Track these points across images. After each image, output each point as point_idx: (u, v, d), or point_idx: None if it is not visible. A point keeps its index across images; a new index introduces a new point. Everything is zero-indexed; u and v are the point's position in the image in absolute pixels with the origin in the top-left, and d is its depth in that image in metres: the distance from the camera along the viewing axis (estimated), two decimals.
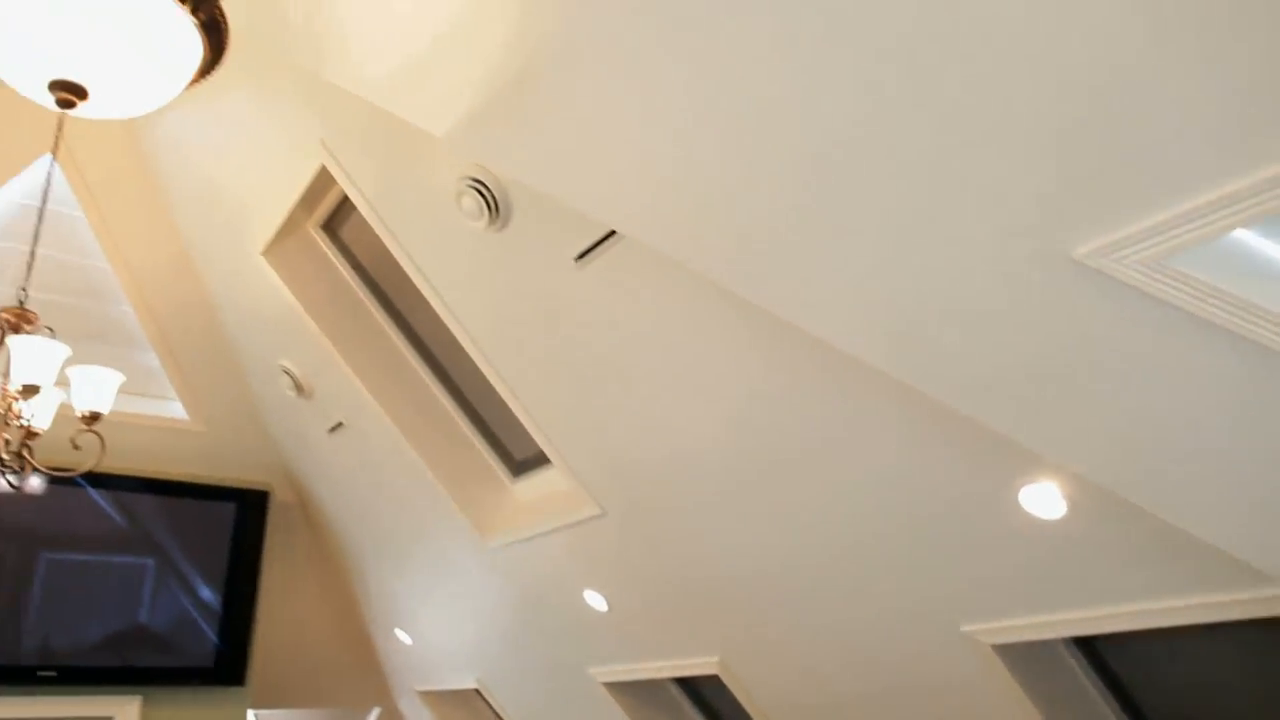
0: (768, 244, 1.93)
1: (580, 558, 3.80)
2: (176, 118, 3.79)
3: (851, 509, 2.74)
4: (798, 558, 3.01)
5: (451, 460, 4.21)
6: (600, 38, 1.80)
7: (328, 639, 6.15)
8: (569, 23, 1.82)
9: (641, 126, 1.90)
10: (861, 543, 2.80)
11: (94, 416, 3.21)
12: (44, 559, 4.98)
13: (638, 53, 1.77)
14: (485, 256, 3.05)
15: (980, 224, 1.61)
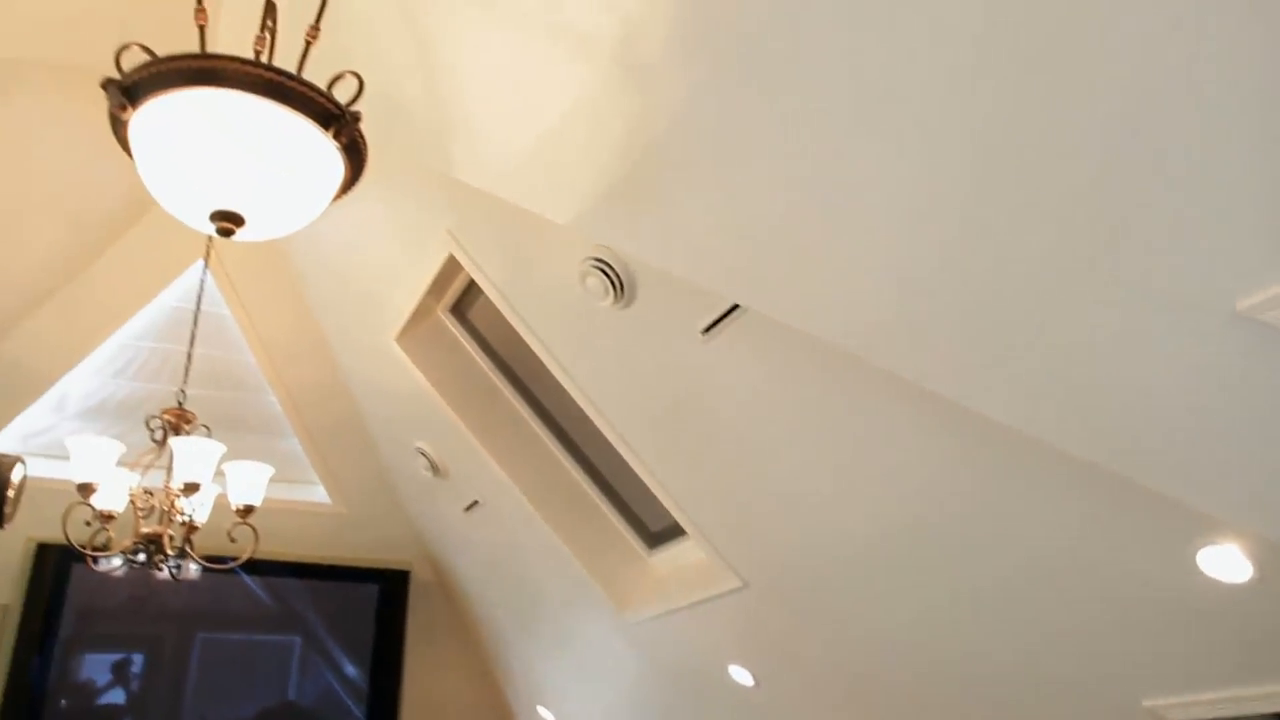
0: (915, 318, 1.89)
1: (723, 632, 3.75)
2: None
3: (1020, 583, 2.62)
4: (965, 636, 2.89)
5: (587, 535, 4.24)
6: (715, 123, 1.83)
7: (472, 715, 6.22)
8: (682, 113, 1.86)
9: (755, 204, 1.92)
10: (1035, 617, 2.67)
11: (248, 510, 3.38)
12: (199, 639, 5.24)
13: (751, 135, 1.80)
14: (612, 334, 3.10)
15: (1144, 283, 1.54)
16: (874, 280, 1.88)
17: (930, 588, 2.85)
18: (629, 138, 2.02)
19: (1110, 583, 2.42)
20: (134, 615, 5.19)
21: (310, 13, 1.84)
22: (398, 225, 3.69)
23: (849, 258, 1.88)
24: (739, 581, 3.42)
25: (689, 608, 3.77)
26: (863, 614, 3.12)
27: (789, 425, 2.82)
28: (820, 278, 1.98)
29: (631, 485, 4.00)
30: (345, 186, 1.82)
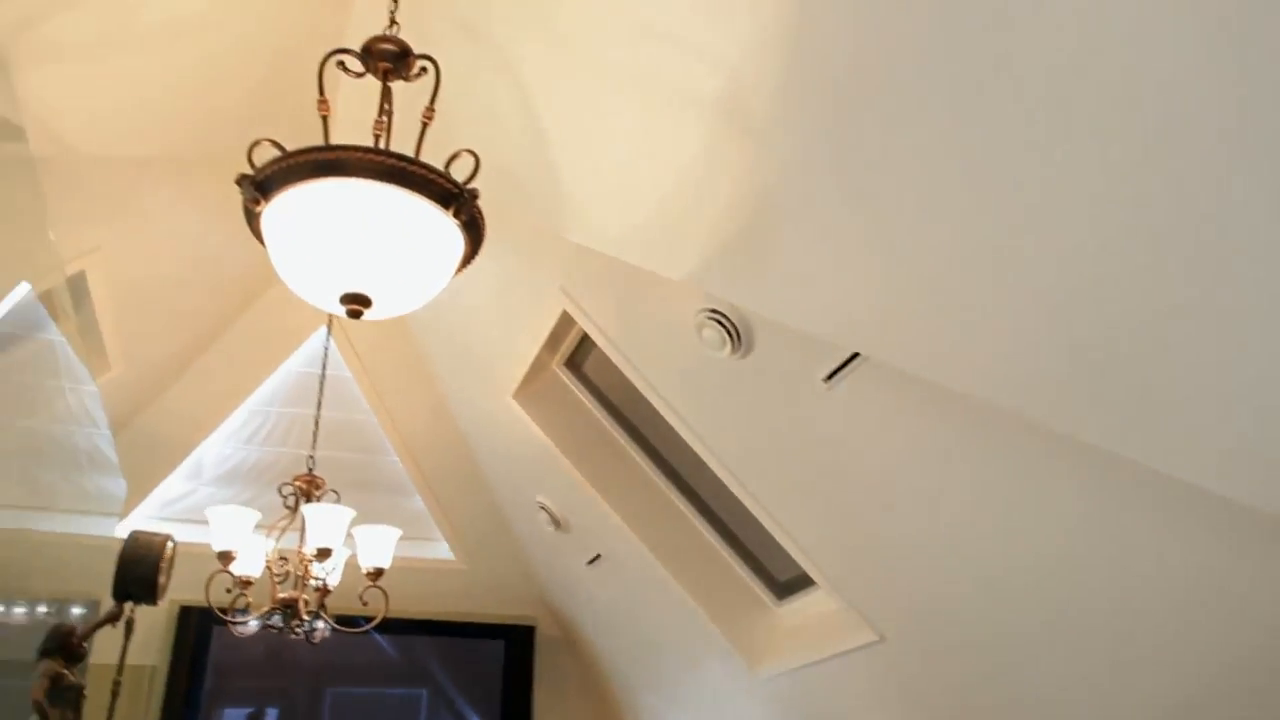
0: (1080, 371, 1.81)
1: (861, 688, 3.63)
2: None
3: (1179, 626, 2.45)
4: (1123, 684, 2.72)
5: (712, 586, 4.19)
6: (831, 174, 1.81)
7: None
8: (795, 166, 1.85)
9: (869, 254, 1.89)
10: (1229, 691, 2.49)
11: (378, 572, 3.46)
12: (329, 694, 5.37)
13: (872, 187, 1.77)
14: (731, 383, 3.08)
15: None
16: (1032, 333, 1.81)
17: (1081, 636, 2.70)
18: (741, 193, 2.01)
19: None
20: (269, 671, 5.36)
21: (421, 93, 1.90)
22: (510, 284, 3.77)
23: (1000, 309, 1.82)
24: (875, 635, 3.32)
25: (823, 662, 3.67)
26: (1014, 667, 2.97)
27: (921, 472, 2.74)
28: (962, 330, 1.91)
29: (756, 534, 3.94)
30: (465, 261, 1.87)
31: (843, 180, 1.81)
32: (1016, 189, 1.58)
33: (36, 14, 2.24)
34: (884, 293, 1.96)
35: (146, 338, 4.39)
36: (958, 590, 2.92)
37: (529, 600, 5.73)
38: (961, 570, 2.86)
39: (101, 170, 3.24)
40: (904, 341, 2.05)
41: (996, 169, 1.58)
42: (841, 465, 2.99)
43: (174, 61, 2.71)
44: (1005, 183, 1.59)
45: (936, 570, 2.94)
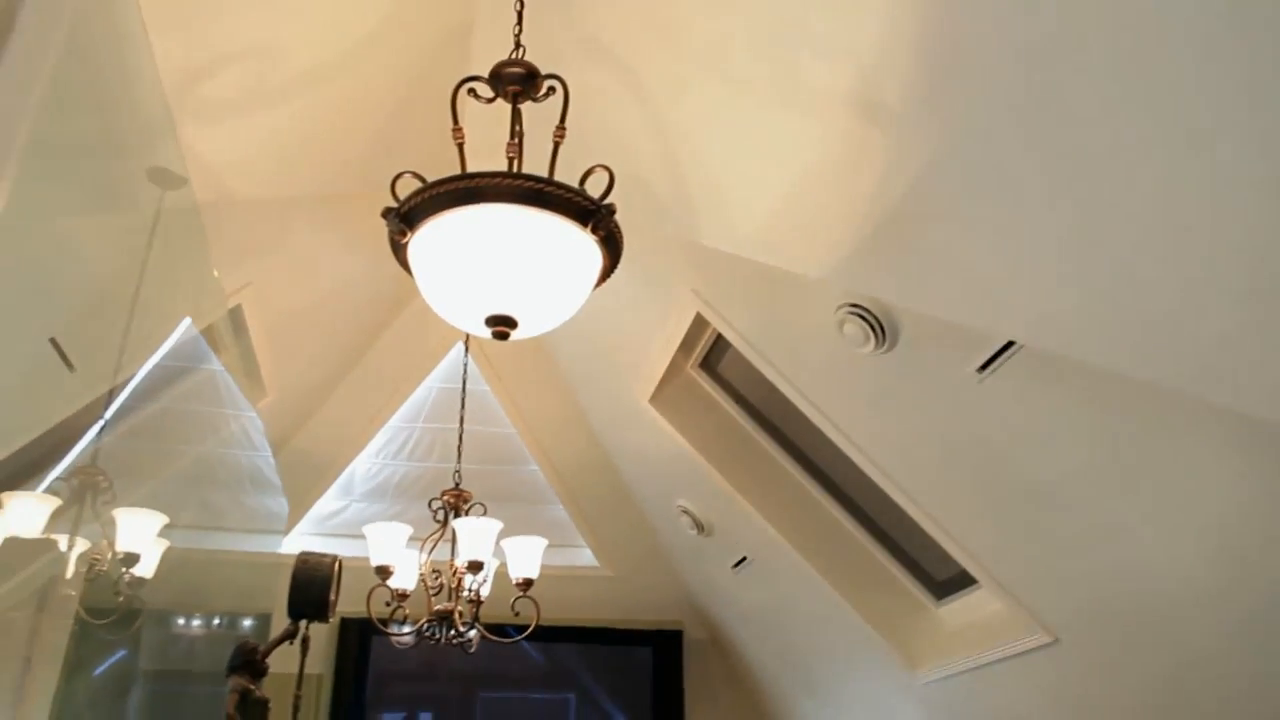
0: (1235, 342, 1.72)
1: (1034, 692, 3.50)
2: None
3: None
4: None
5: (865, 587, 4.12)
6: (978, 162, 1.76)
7: None
8: (938, 157, 1.80)
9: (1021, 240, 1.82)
10: None
11: (528, 583, 3.55)
12: (480, 699, 5.54)
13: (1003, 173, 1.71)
14: (877, 379, 3.02)
15: None
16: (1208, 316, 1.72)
17: (1277, 632, 2.54)
18: (882, 187, 1.98)
19: None
20: (424, 677, 5.57)
21: (548, 112, 1.95)
22: (642, 290, 3.80)
23: (1185, 295, 1.73)
24: (1048, 636, 3.19)
25: (990, 665, 3.56)
26: (1201, 666, 2.81)
27: (1087, 463, 2.63)
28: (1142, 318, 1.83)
29: (910, 532, 3.86)
30: (604, 275, 1.90)
31: (993, 168, 1.76)
32: (1182, 180, 1.51)
33: (197, 72, 2.40)
34: (1042, 279, 1.90)
35: (297, 364, 4.63)
36: (1136, 587, 2.79)
37: (675, 604, 5.76)
38: (1139, 566, 2.73)
39: (252, 211, 3.43)
40: (1073, 329, 1.98)
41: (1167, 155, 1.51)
42: (999, 459, 2.90)
43: (313, 107, 2.86)
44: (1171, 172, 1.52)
45: (1111, 566, 2.81)
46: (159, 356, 4.11)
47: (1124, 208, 1.64)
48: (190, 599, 5.07)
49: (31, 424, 3.38)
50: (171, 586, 4.65)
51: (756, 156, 2.18)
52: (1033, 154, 1.69)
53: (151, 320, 3.43)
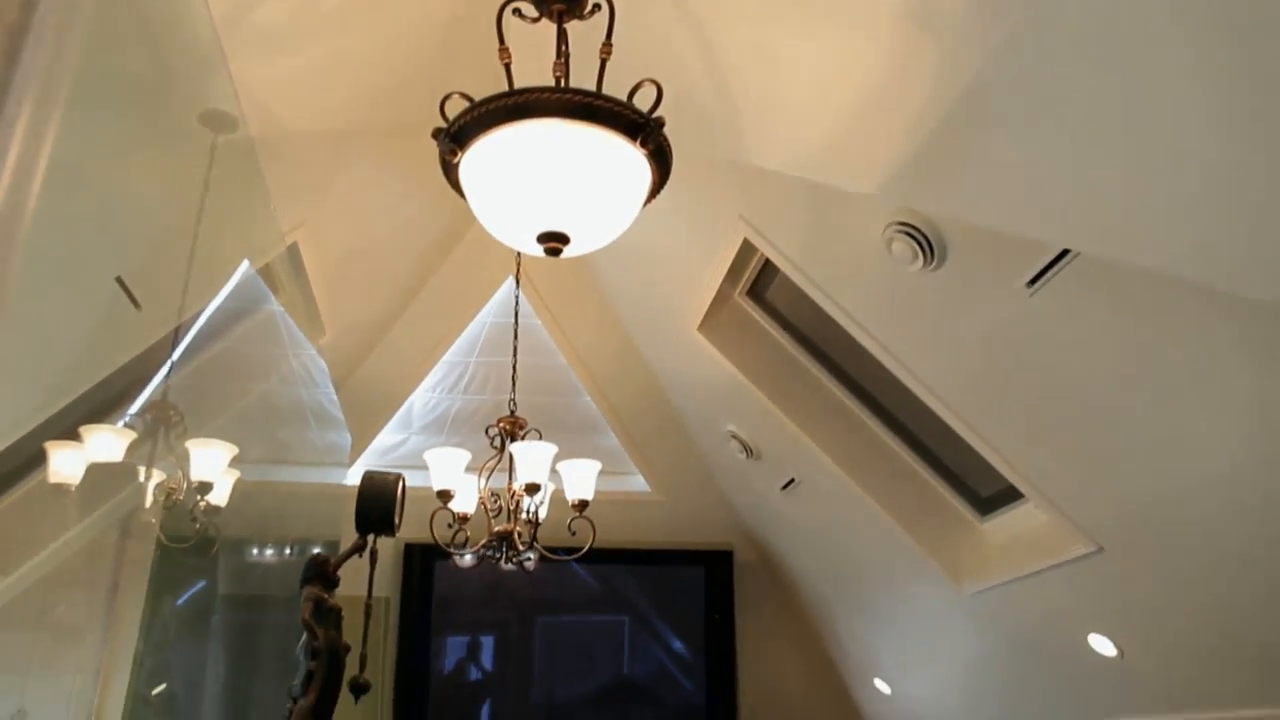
0: None
1: (1078, 600, 3.48)
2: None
3: None
4: None
5: (911, 505, 4.10)
6: (1032, 72, 1.69)
7: (806, 689, 6.24)
8: (991, 67, 1.73)
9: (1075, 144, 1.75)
10: None
11: (583, 504, 3.58)
12: (539, 622, 5.65)
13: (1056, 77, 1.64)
14: (926, 298, 2.96)
15: None
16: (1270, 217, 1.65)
17: None
18: (932, 100, 1.91)
19: None
20: (486, 603, 5.69)
21: (594, 31, 1.90)
22: (689, 218, 3.75)
23: (1234, 192, 1.66)
24: (1092, 545, 3.16)
25: (1033, 575, 3.54)
26: (1253, 565, 2.76)
27: (1135, 370, 2.56)
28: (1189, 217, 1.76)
29: (956, 451, 3.82)
30: (654, 190, 1.87)
31: (1047, 73, 1.69)
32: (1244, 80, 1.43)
33: (245, 3, 2.38)
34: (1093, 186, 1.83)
35: (354, 302, 4.66)
36: (1180, 495, 2.74)
37: (725, 527, 5.79)
38: (1184, 472, 2.67)
39: (304, 147, 3.43)
40: (1126, 232, 1.91)
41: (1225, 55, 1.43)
42: (1047, 372, 2.84)
43: (360, 39, 2.82)
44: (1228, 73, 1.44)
45: (1155, 474, 2.76)
46: (221, 299, 4.17)
47: (1180, 108, 1.57)
48: (262, 529, 5.20)
49: (104, 361, 3.45)
50: (244, 517, 4.77)
51: (808, 72, 2.11)
52: (1086, 57, 1.61)
53: (212, 258, 3.46)
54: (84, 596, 4.37)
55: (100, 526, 4.03)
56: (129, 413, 3.73)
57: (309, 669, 1.94)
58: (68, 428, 3.20)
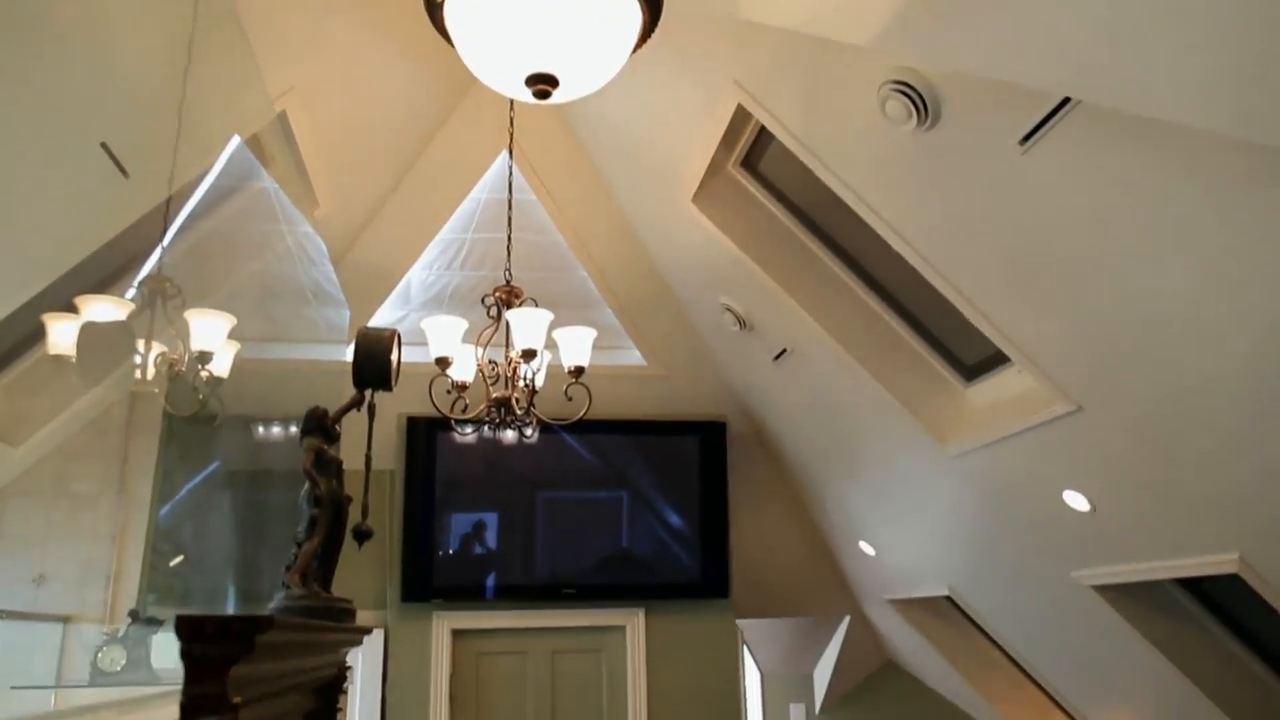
0: None
1: (1055, 459, 3.53)
2: (596, 92, 4.06)
3: None
4: None
5: (899, 372, 4.11)
6: None
7: (795, 555, 6.41)
8: None
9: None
10: None
11: (579, 370, 3.57)
12: (541, 497, 5.73)
13: None
14: (919, 159, 2.89)
15: None
16: None
17: None
18: None
19: None
20: (488, 481, 5.75)
21: None
22: (683, 85, 3.63)
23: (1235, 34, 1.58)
24: (1072, 405, 3.18)
25: (1014, 436, 3.57)
26: (1228, 428, 2.79)
27: (1122, 231, 2.52)
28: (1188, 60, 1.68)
29: (942, 318, 3.81)
30: (644, 34, 1.78)
31: None
32: None
33: None
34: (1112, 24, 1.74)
35: (348, 173, 4.54)
36: (1162, 355, 2.73)
37: (719, 400, 5.82)
38: (1168, 334, 2.66)
39: (287, 9, 3.28)
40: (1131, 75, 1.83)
41: None
42: (1036, 233, 2.80)
43: None
44: None
45: (1138, 334, 2.75)
46: (214, 176, 4.07)
47: None
48: (265, 406, 5.22)
49: (96, 233, 3.37)
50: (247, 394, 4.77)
51: None
52: None
53: (200, 126, 3.35)
54: (97, 467, 4.41)
55: (107, 399, 4.03)
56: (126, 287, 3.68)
57: (312, 515, 1.95)
58: (65, 303, 3.16)
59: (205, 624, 1.17)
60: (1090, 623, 4.29)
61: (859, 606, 6.74)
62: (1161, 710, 4.57)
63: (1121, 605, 4.00)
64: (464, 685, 5.39)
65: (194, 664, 1.19)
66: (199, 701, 1.19)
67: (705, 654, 5.63)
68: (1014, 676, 6.19)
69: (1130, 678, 4.52)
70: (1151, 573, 3.63)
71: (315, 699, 2.25)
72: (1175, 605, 4.06)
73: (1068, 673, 5.14)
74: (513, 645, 5.51)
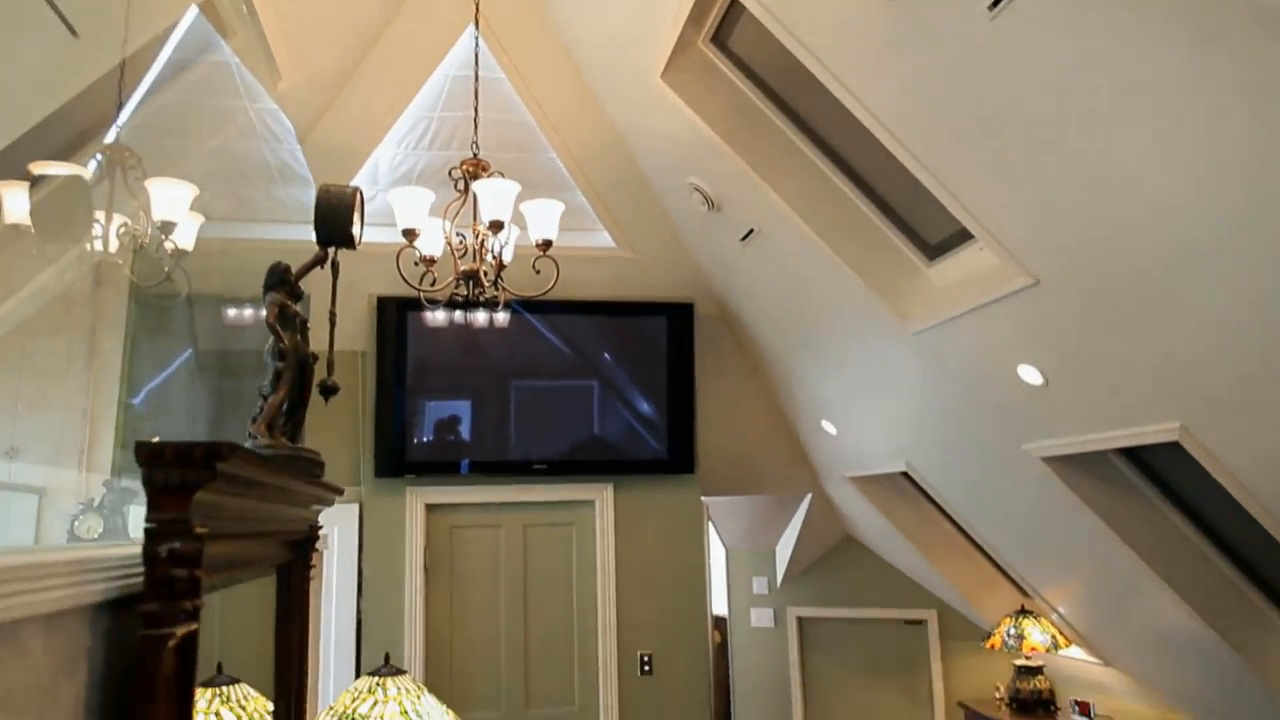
0: None
1: (1010, 333, 3.57)
2: None
3: None
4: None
5: (865, 251, 4.11)
6: None
7: (760, 435, 6.52)
8: None
9: None
10: None
11: (547, 244, 3.54)
12: (514, 387, 5.75)
13: None
14: (888, 29, 2.82)
15: None
16: None
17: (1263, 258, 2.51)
18: None
19: None
20: (461, 369, 5.74)
21: None
22: None
23: None
24: (1030, 279, 3.20)
25: (973, 311, 3.60)
26: (1183, 304, 2.82)
27: (1091, 98, 2.49)
28: None
29: (907, 197, 3.79)
30: None
31: None
32: None
33: None
34: None
35: (311, 45, 4.38)
36: (1129, 221, 2.73)
37: (687, 282, 5.81)
38: (1132, 203, 2.66)
39: None
40: None
41: None
42: (1002, 104, 2.75)
43: None
44: None
45: (1101, 205, 2.74)
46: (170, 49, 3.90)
47: None
48: (234, 287, 5.14)
49: (46, 95, 3.24)
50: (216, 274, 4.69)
51: None
52: None
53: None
54: (64, 342, 4.35)
55: (71, 273, 3.94)
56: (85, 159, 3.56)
57: (276, 369, 1.94)
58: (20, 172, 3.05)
59: (165, 449, 1.16)
60: (1038, 494, 4.43)
61: (820, 485, 6.91)
62: (1101, 579, 4.78)
63: (1068, 476, 4.13)
64: (438, 557, 5.51)
65: (156, 491, 1.19)
66: (163, 527, 1.19)
67: (672, 528, 5.77)
68: (965, 549, 6.42)
69: (1074, 549, 4.70)
70: (1098, 443, 3.73)
71: (289, 551, 2.29)
72: (1118, 476, 4.19)
73: (1016, 545, 5.34)
74: (485, 519, 5.62)
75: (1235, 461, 3.22)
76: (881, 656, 7.53)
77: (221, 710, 2.24)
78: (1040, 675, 6.00)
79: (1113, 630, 5.20)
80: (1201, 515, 4.16)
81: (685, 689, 5.62)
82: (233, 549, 1.58)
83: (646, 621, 5.63)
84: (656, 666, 5.61)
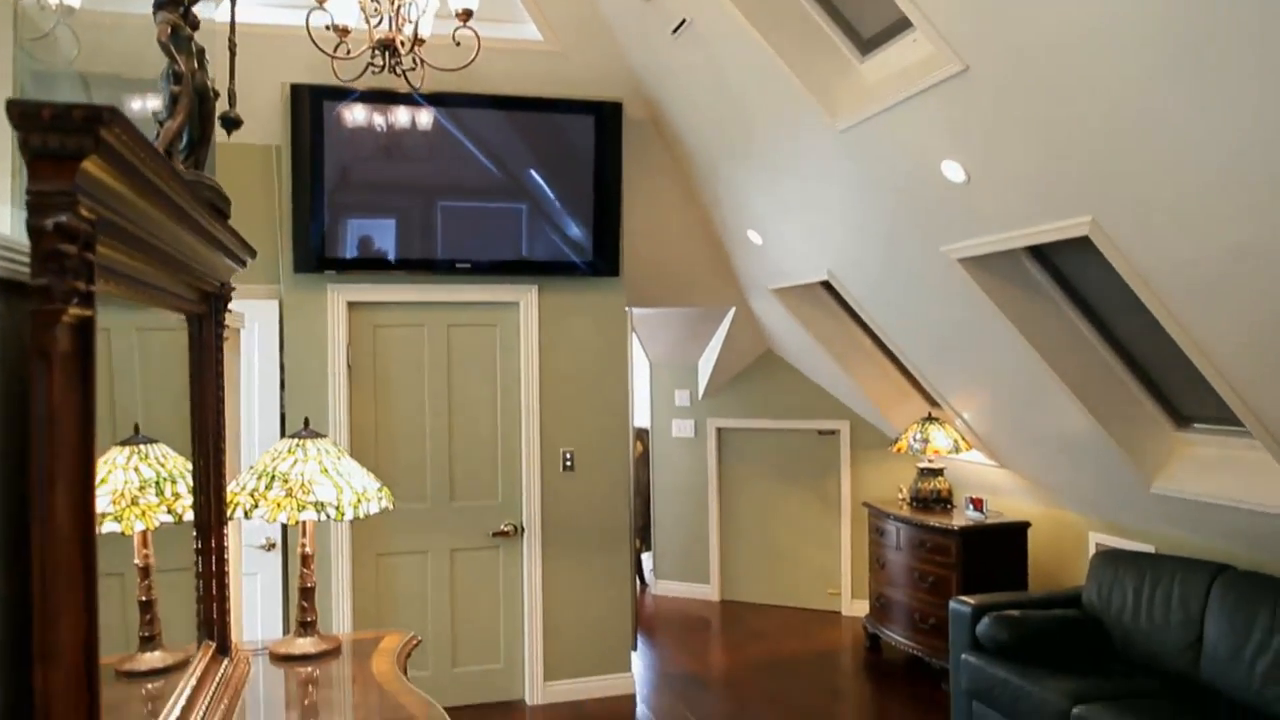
0: None
1: (937, 126, 3.56)
2: None
3: None
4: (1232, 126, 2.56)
5: (798, 44, 4.00)
6: None
7: (686, 245, 6.52)
8: None
9: None
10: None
11: (467, 14, 3.37)
12: (440, 207, 5.56)
13: None
14: None
15: None
16: None
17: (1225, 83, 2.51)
18: None
19: None
20: (385, 188, 5.50)
21: None
22: None
23: None
24: (960, 65, 3.17)
25: (903, 103, 3.57)
26: (1099, 92, 2.82)
27: None
28: None
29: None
30: None
31: None
32: None
33: None
34: None
35: None
36: (1058, 25, 2.69)
37: (617, 81, 5.61)
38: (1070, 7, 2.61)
39: None
40: None
41: None
42: None
43: None
44: None
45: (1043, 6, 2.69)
46: None
47: None
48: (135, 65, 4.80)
49: None
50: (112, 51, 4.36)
51: None
52: None
53: None
54: None
55: None
56: None
57: (172, 93, 1.83)
58: None
59: (42, 108, 1.09)
60: (953, 300, 4.56)
61: (744, 298, 7.00)
62: (1005, 385, 5.01)
63: (981, 277, 4.25)
64: (361, 355, 5.49)
65: (35, 157, 1.12)
66: (45, 199, 1.14)
67: (596, 331, 5.81)
68: (879, 361, 6.65)
69: (982, 355, 4.90)
70: (1013, 240, 3.82)
71: (201, 303, 2.23)
72: (1028, 279, 4.33)
73: (928, 353, 5.53)
74: (409, 318, 5.58)
75: (1144, 261, 3.34)
76: (796, 464, 7.90)
77: (140, 465, 2.24)
78: (940, 476, 6.38)
79: (1012, 433, 5.51)
80: (1102, 319, 4.35)
81: (606, 486, 5.83)
82: (136, 262, 1.53)
83: (570, 420, 5.76)
84: (578, 464, 5.78)
